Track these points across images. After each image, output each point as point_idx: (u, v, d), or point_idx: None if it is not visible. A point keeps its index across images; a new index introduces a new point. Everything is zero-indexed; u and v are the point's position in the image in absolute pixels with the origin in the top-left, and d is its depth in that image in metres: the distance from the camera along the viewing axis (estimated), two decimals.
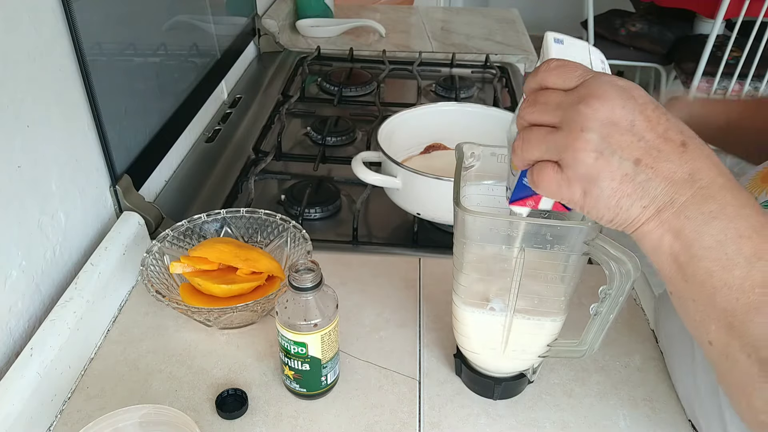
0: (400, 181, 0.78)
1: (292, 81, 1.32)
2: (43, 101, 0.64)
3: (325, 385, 0.59)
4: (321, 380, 0.58)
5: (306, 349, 0.55)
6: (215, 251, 0.67)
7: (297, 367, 0.57)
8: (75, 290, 0.64)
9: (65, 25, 0.67)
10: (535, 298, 0.52)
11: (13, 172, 0.60)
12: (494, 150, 0.55)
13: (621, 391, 0.61)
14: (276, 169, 0.99)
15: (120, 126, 0.79)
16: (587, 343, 0.53)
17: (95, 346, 0.66)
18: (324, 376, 0.58)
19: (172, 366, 0.63)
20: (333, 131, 1.08)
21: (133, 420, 0.51)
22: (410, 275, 0.76)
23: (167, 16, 0.95)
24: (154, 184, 0.90)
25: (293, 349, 0.56)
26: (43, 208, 0.65)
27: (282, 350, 0.57)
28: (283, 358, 0.58)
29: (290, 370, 0.57)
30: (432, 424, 0.58)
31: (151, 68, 0.90)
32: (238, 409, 0.58)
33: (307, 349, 0.55)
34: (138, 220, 0.77)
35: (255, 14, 1.41)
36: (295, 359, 0.56)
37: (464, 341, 0.58)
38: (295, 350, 0.56)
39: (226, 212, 0.74)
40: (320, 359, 0.57)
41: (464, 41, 1.54)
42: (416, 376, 0.63)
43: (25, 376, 0.55)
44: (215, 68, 1.14)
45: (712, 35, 2.23)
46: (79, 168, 0.71)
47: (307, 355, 0.56)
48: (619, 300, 0.48)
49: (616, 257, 0.46)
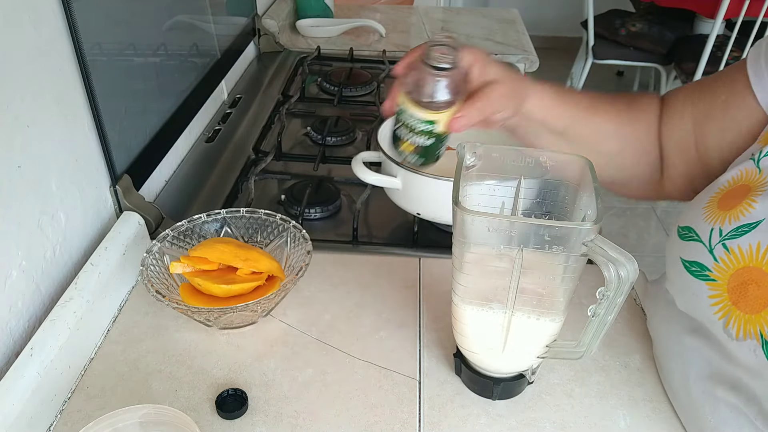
0: (400, 181, 0.78)
1: (292, 81, 1.32)
2: (43, 101, 0.64)
3: (440, 155, 0.60)
4: (438, 152, 0.59)
5: (433, 126, 0.56)
6: (215, 251, 0.67)
7: (420, 143, 0.57)
8: (75, 290, 0.64)
9: (65, 25, 0.67)
10: (534, 298, 0.52)
11: (13, 172, 0.60)
12: (494, 150, 0.55)
13: (621, 391, 0.61)
14: (276, 169, 0.99)
15: (120, 126, 0.79)
16: (585, 344, 0.53)
17: (95, 346, 0.66)
18: (442, 147, 0.59)
19: (172, 366, 0.63)
20: (333, 131, 1.08)
21: (133, 420, 0.51)
22: (410, 275, 0.76)
23: (167, 16, 0.95)
24: (154, 184, 0.90)
25: (420, 127, 0.56)
26: (43, 208, 0.65)
27: (404, 127, 0.57)
28: (406, 134, 0.57)
29: (411, 145, 0.58)
30: (432, 424, 0.58)
31: (151, 68, 0.90)
32: (238, 409, 0.58)
33: (435, 125, 0.56)
34: (138, 220, 0.77)
35: (255, 14, 1.41)
36: (420, 135, 0.56)
37: (464, 341, 0.58)
38: (422, 128, 0.56)
39: (226, 212, 0.74)
40: (444, 134, 0.57)
41: (464, 41, 1.54)
42: (416, 376, 0.63)
43: (25, 376, 0.55)
44: (215, 68, 1.14)
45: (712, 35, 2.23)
46: (79, 168, 0.71)
47: (433, 131, 0.56)
48: (617, 302, 0.48)
49: (615, 259, 0.46)
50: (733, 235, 0.51)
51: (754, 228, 0.50)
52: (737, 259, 0.50)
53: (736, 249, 0.50)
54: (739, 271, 0.50)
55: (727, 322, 0.50)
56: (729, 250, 0.51)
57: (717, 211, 0.53)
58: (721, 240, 0.52)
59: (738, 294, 0.49)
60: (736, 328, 0.49)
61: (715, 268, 0.52)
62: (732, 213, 0.52)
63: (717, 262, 0.51)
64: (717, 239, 0.52)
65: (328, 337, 0.67)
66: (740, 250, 0.50)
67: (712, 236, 0.52)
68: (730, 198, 0.53)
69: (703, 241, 0.53)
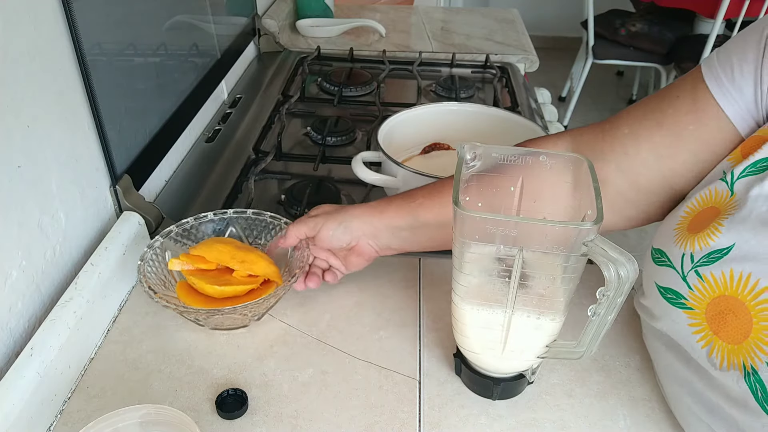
0: (400, 181, 0.78)
1: (292, 81, 1.32)
2: (43, 101, 0.64)
3: None
4: None
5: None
6: (213, 251, 0.67)
7: None
8: (75, 290, 0.64)
9: (65, 25, 0.67)
10: (534, 298, 0.52)
11: (13, 172, 0.60)
12: (494, 150, 0.55)
13: (621, 391, 0.61)
14: (276, 169, 0.99)
15: (120, 126, 0.79)
16: (585, 344, 0.53)
17: (95, 346, 0.66)
18: None
19: (172, 366, 0.63)
20: (333, 131, 1.08)
21: (133, 420, 0.51)
22: (410, 275, 0.76)
23: (167, 16, 0.95)
24: (154, 184, 0.90)
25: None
26: (43, 208, 0.65)
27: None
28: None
29: None
30: (432, 424, 0.58)
31: (151, 68, 0.90)
32: (238, 409, 0.58)
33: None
34: (138, 220, 0.77)
35: (255, 14, 1.41)
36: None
37: (464, 341, 0.58)
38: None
39: (233, 212, 0.74)
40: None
41: (464, 41, 1.54)
42: (416, 376, 0.63)
43: (25, 376, 0.55)
44: (215, 68, 1.14)
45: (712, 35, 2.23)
46: (79, 168, 0.71)
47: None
48: (617, 302, 0.48)
49: (614, 258, 0.46)
50: (705, 262, 0.50)
51: (726, 254, 0.49)
52: (711, 288, 0.49)
53: (709, 277, 0.50)
54: (714, 300, 0.49)
55: (711, 351, 0.49)
56: (702, 278, 0.50)
57: (687, 234, 0.53)
58: (693, 267, 0.51)
59: (717, 324, 0.49)
60: (720, 358, 0.48)
61: (690, 296, 0.51)
62: (700, 237, 0.51)
63: (692, 290, 0.51)
64: (689, 266, 0.51)
65: (328, 337, 0.67)
66: (713, 277, 0.49)
67: (684, 262, 0.52)
68: (700, 220, 0.53)
69: (676, 267, 0.52)
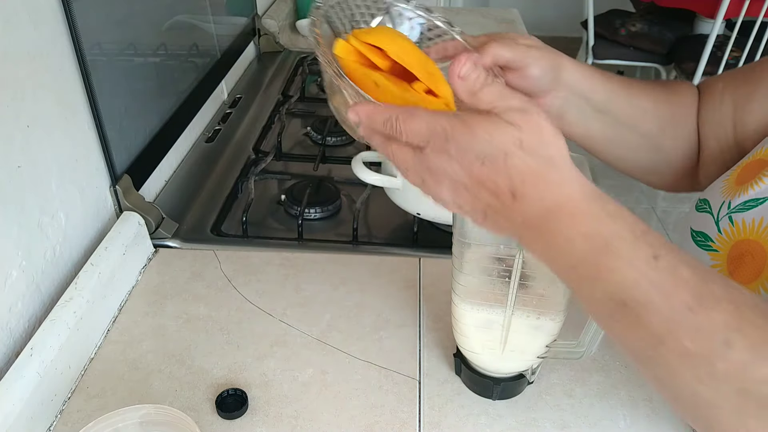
0: (400, 181, 0.78)
1: (292, 81, 1.32)
2: (43, 101, 0.64)
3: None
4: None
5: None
6: (396, 45, 0.48)
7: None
8: (75, 290, 0.64)
9: (65, 25, 0.67)
10: (534, 298, 0.52)
11: (13, 172, 0.60)
12: None
13: (621, 391, 0.61)
14: (276, 169, 0.99)
15: (120, 126, 0.79)
16: (585, 344, 0.53)
17: (95, 346, 0.66)
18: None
19: (172, 366, 0.63)
20: (333, 131, 1.08)
21: (133, 420, 0.51)
22: (410, 275, 0.76)
23: (167, 16, 0.95)
24: (154, 184, 0.90)
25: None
26: (43, 208, 0.65)
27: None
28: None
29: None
30: (432, 424, 0.58)
31: (151, 68, 0.90)
32: (238, 409, 0.58)
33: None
34: (138, 220, 0.77)
35: (255, 14, 1.41)
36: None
37: (464, 341, 0.58)
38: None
39: None
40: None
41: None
42: (416, 376, 0.63)
43: (25, 376, 0.55)
44: (215, 68, 1.14)
45: (712, 35, 2.23)
46: (79, 168, 0.71)
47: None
48: None
49: None
50: (740, 209, 0.52)
51: (761, 204, 0.51)
52: (739, 231, 0.52)
53: (740, 222, 0.52)
54: (737, 243, 0.52)
55: None
56: (734, 223, 0.52)
57: (734, 185, 0.55)
58: (728, 213, 0.53)
59: (735, 264, 0.51)
60: None
61: (717, 239, 0.53)
62: (743, 187, 0.53)
63: (720, 233, 0.53)
64: (725, 212, 0.53)
65: (328, 337, 0.67)
66: (744, 223, 0.51)
67: (722, 209, 0.54)
68: (747, 171, 0.54)
69: (713, 213, 0.55)
